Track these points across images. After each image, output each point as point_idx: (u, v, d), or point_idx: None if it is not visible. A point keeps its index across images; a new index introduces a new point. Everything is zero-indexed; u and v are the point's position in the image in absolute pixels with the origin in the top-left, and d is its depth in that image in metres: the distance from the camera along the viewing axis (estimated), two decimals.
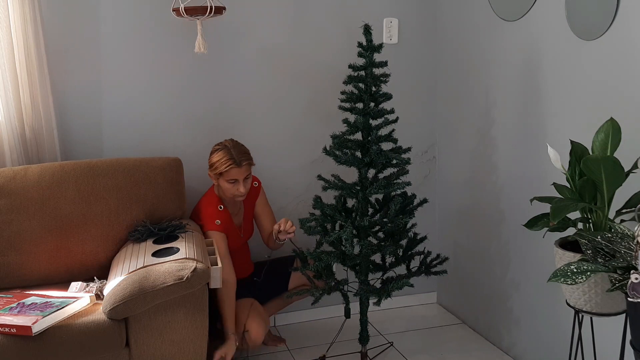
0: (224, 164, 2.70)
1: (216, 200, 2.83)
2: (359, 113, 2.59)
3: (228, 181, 2.73)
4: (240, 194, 2.75)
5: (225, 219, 2.80)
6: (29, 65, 2.70)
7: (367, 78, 2.57)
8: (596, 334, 2.25)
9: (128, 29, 2.93)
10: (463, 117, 3.21)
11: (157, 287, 2.24)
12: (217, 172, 2.73)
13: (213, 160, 2.75)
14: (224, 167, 2.70)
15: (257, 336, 2.70)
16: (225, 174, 2.71)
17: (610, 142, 2.02)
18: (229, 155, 2.71)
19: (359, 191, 2.64)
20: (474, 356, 3.02)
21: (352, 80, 2.59)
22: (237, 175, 2.72)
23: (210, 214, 2.79)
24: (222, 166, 2.70)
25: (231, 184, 2.73)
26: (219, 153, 2.74)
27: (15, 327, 2.11)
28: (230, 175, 2.71)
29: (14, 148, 2.73)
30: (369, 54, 2.57)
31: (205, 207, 2.83)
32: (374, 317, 3.29)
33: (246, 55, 3.11)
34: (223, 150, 2.74)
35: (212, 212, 2.79)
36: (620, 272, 1.81)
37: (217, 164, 2.72)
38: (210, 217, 2.78)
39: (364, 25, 2.57)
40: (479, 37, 3.02)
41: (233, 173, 2.71)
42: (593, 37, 2.31)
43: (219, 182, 2.77)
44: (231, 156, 2.71)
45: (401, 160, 2.61)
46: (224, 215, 2.80)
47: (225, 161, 2.70)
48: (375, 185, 2.60)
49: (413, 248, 2.81)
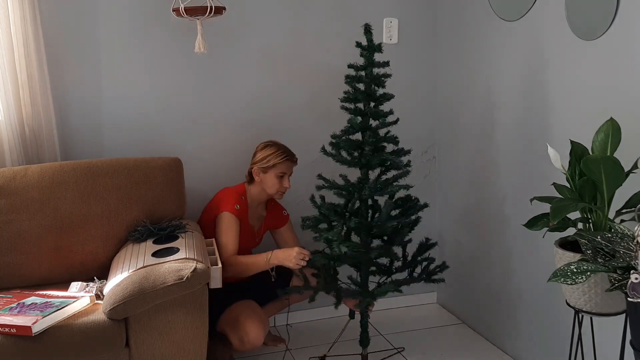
0: (279, 156, 2.81)
1: (242, 191, 2.89)
2: (357, 113, 2.60)
3: (277, 175, 2.82)
4: (284, 189, 2.87)
5: (242, 210, 2.84)
6: (29, 65, 2.70)
7: (366, 78, 2.57)
8: (596, 334, 2.25)
9: (128, 29, 2.93)
10: (463, 117, 3.21)
11: (157, 287, 2.24)
12: (268, 164, 2.81)
13: (264, 154, 2.83)
14: (278, 159, 2.81)
15: (257, 338, 2.69)
16: (277, 166, 2.81)
17: (610, 142, 2.02)
18: (282, 149, 2.84)
19: (353, 192, 2.64)
20: (474, 356, 3.02)
21: (352, 81, 2.59)
22: (287, 169, 2.84)
23: (231, 199, 2.83)
24: (276, 158, 2.81)
25: (278, 178, 2.83)
26: (270, 148, 2.84)
27: (15, 327, 2.11)
28: (282, 168, 2.82)
29: (14, 148, 2.73)
30: (368, 54, 2.56)
31: (228, 192, 2.87)
32: (374, 317, 3.29)
33: (246, 55, 3.11)
34: (273, 145, 2.86)
35: (233, 197, 2.83)
36: (620, 272, 1.81)
37: (270, 156, 2.81)
38: (230, 201, 2.82)
39: (365, 25, 2.57)
40: (479, 37, 3.02)
41: (285, 166, 2.83)
42: (593, 37, 2.31)
43: (264, 177, 2.84)
44: (284, 150, 2.84)
45: (396, 162, 2.60)
46: (243, 205, 2.85)
47: (280, 154, 2.82)
48: (369, 187, 2.59)
49: (422, 253, 2.79)
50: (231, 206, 2.80)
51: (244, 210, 2.86)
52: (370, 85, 2.58)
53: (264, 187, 2.86)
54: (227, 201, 2.82)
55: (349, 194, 2.64)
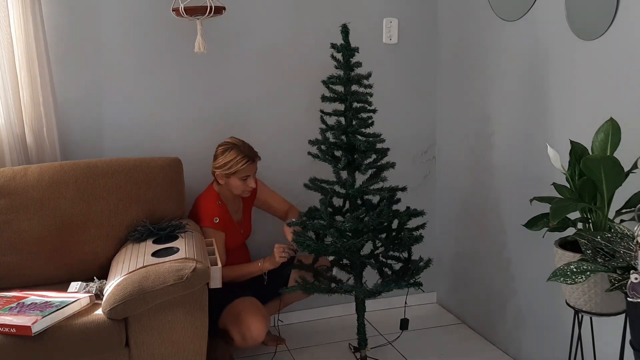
0: (240, 162, 2.76)
1: (215, 195, 2.86)
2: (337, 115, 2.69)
3: (240, 178, 2.79)
4: (250, 189, 2.83)
5: (223, 215, 2.83)
6: (29, 65, 2.70)
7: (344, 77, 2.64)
8: (596, 334, 2.25)
9: (128, 29, 2.93)
10: (463, 117, 3.21)
11: (157, 287, 2.23)
12: (230, 171, 2.77)
13: (225, 160, 2.78)
14: (239, 166, 2.76)
15: (259, 333, 2.69)
16: (239, 172, 2.77)
17: (610, 142, 2.02)
18: (242, 153, 2.78)
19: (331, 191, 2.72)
20: (474, 356, 3.02)
21: (331, 82, 2.67)
22: (250, 171, 2.80)
23: (208, 211, 2.81)
24: (237, 165, 2.76)
25: (242, 181, 2.80)
26: (230, 153, 2.78)
27: (15, 327, 2.11)
28: (245, 172, 2.78)
29: (14, 148, 2.74)
30: (343, 56, 2.63)
31: (204, 203, 2.85)
32: (373, 317, 3.30)
33: (246, 55, 3.11)
34: (233, 149, 2.78)
35: (211, 209, 2.81)
36: (619, 272, 1.81)
37: (231, 163, 2.76)
38: (208, 214, 2.80)
39: (342, 25, 2.63)
40: (479, 37, 3.02)
41: (247, 170, 2.78)
42: (593, 37, 2.31)
43: (227, 181, 2.80)
44: (244, 154, 2.78)
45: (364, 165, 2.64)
46: (222, 211, 2.83)
47: (240, 159, 2.76)
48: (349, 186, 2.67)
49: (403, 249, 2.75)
50: (209, 221, 2.79)
51: (224, 213, 2.85)
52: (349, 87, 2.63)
53: (229, 188, 2.84)
54: (204, 216, 2.81)
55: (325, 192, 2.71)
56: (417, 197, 3.38)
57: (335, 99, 2.69)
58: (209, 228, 2.79)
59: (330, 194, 2.72)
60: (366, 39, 3.17)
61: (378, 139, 2.68)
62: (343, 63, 2.65)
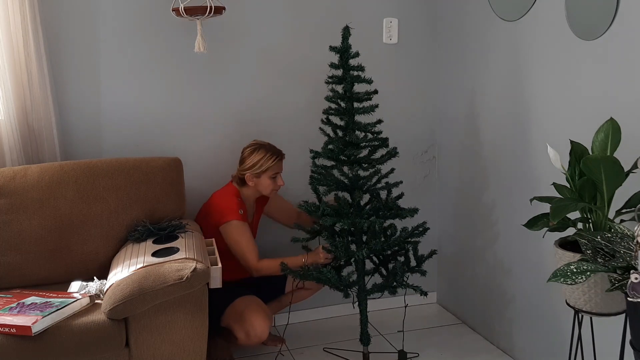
0: (270, 159, 2.81)
1: (236, 192, 2.88)
2: (336, 114, 2.71)
3: (270, 177, 2.83)
4: (278, 187, 2.89)
5: (244, 211, 2.86)
6: (29, 65, 2.70)
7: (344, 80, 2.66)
8: (596, 334, 2.25)
9: (128, 29, 2.93)
10: (463, 117, 3.21)
11: (157, 287, 2.23)
12: (262, 169, 2.81)
13: (254, 159, 2.81)
14: (270, 162, 2.81)
15: (263, 331, 2.70)
16: (270, 169, 2.81)
17: (610, 142, 2.02)
18: (270, 151, 2.84)
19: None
20: (474, 356, 3.02)
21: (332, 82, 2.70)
22: (279, 168, 2.86)
23: (233, 204, 2.82)
24: (267, 162, 2.81)
25: (272, 179, 2.84)
26: (259, 152, 2.82)
27: (15, 327, 2.11)
28: (274, 169, 2.84)
29: (14, 148, 2.74)
30: (341, 58, 2.64)
31: (226, 197, 2.86)
32: (374, 317, 3.30)
33: (246, 55, 3.11)
34: (261, 148, 2.84)
35: (235, 202, 2.83)
36: (619, 272, 1.81)
37: (262, 161, 2.81)
38: (233, 207, 2.81)
39: (345, 27, 2.65)
40: (479, 37, 3.02)
41: (277, 167, 2.84)
42: (593, 37, 2.31)
43: (258, 182, 2.84)
44: (273, 152, 2.84)
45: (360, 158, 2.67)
46: (243, 207, 2.86)
47: (270, 156, 2.82)
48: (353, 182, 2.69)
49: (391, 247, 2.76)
50: (236, 214, 2.80)
51: (245, 209, 2.88)
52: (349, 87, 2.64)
53: (259, 189, 2.87)
54: (230, 209, 2.81)
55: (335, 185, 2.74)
56: (417, 197, 3.38)
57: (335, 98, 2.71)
58: (236, 221, 2.78)
59: (334, 186, 2.72)
60: (366, 39, 3.17)
61: (377, 136, 2.70)
62: (342, 64, 2.65)
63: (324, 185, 2.72)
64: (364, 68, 2.67)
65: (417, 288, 2.73)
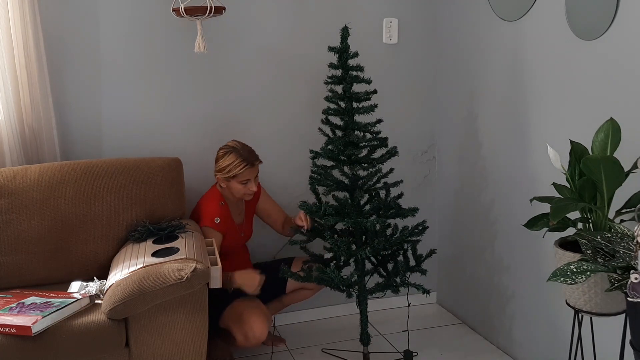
0: (238, 166, 2.73)
1: (218, 196, 2.85)
2: (335, 114, 2.71)
3: (240, 182, 2.76)
4: (251, 192, 2.80)
5: (225, 216, 2.82)
6: (29, 65, 2.70)
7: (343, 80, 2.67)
8: (596, 334, 2.25)
9: (128, 29, 2.93)
10: (463, 117, 3.21)
11: (157, 287, 2.24)
12: (229, 175, 2.74)
13: (224, 164, 2.76)
14: (238, 170, 2.73)
15: (261, 333, 2.69)
16: (239, 175, 2.74)
17: (610, 142, 2.02)
18: (241, 157, 2.74)
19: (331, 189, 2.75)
20: (474, 356, 3.02)
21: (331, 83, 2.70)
22: (250, 175, 2.77)
23: (210, 211, 2.80)
24: (235, 169, 2.73)
25: (243, 185, 2.77)
26: (229, 156, 2.75)
27: (15, 327, 2.11)
28: (244, 176, 2.75)
29: (14, 148, 2.73)
30: (340, 58, 2.65)
31: (206, 203, 2.85)
32: (374, 317, 3.30)
33: (246, 55, 3.11)
34: (233, 152, 2.75)
35: (213, 209, 2.81)
36: (619, 272, 1.81)
37: (230, 167, 2.74)
38: (209, 214, 2.80)
39: (344, 27, 2.65)
40: (479, 37, 3.02)
41: (247, 174, 2.75)
42: (593, 37, 2.31)
43: (228, 184, 2.79)
44: (243, 157, 2.74)
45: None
46: (224, 212, 2.82)
47: (239, 163, 2.73)
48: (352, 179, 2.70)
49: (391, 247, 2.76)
50: (210, 221, 2.78)
51: (226, 214, 2.84)
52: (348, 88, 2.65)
53: (231, 192, 2.83)
54: (206, 215, 2.80)
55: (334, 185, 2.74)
56: (417, 197, 3.39)
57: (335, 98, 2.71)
58: (207, 227, 2.78)
59: (334, 187, 2.73)
60: (366, 39, 3.18)
61: (376, 136, 2.71)
62: (341, 64, 2.66)
63: (324, 186, 2.72)
64: (363, 68, 2.67)
65: (419, 286, 2.73)
